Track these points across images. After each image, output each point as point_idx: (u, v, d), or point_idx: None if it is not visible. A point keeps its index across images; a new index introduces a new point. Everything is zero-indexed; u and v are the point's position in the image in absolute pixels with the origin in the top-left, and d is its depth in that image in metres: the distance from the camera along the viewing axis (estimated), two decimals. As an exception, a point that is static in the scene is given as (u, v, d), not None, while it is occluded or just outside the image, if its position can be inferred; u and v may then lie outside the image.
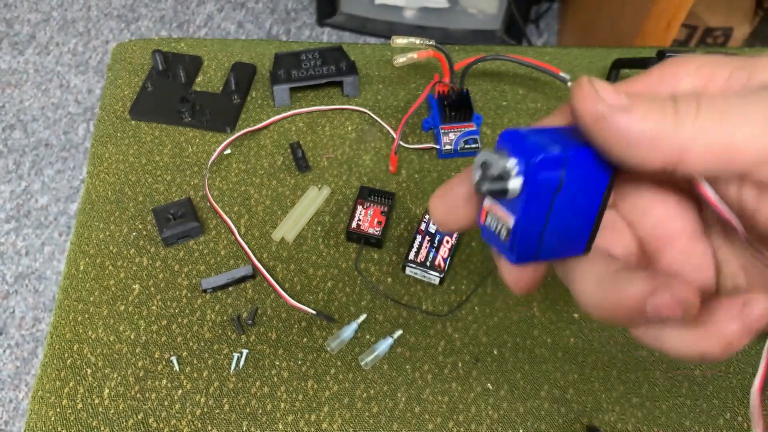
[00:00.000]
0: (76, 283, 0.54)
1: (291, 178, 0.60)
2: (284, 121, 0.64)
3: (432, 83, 0.62)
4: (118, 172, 0.60)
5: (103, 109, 0.65)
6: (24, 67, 1.56)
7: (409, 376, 0.50)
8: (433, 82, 0.63)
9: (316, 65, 0.65)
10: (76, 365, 0.50)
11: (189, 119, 0.63)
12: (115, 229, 0.57)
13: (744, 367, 0.50)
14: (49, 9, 1.68)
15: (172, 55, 0.68)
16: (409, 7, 1.56)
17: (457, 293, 0.53)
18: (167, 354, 0.50)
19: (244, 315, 0.52)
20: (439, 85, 0.63)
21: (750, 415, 0.20)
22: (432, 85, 0.62)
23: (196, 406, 0.48)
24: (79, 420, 0.47)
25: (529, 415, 0.48)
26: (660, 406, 0.49)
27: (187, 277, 0.54)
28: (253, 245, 0.56)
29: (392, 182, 0.60)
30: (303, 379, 0.49)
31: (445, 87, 0.63)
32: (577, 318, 0.52)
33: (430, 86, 0.62)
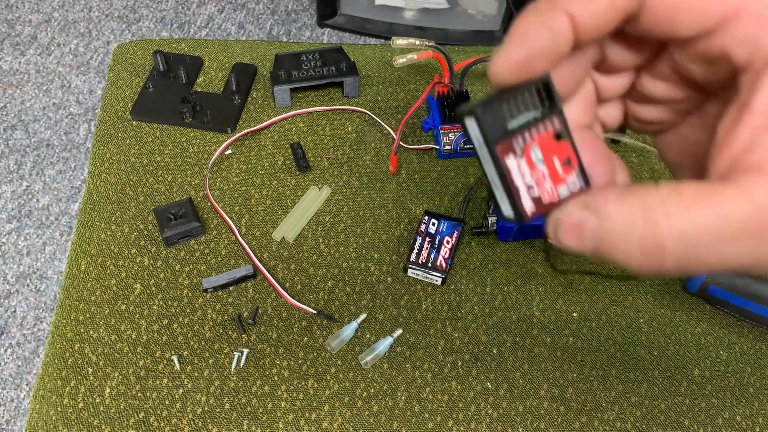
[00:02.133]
0: (77, 283, 0.54)
1: (291, 178, 0.60)
2: (285, 122, 0.64)
3: (432, 84, 0.63)
4: (120, 173, 0.61)
5: (105, 109, 0.66)
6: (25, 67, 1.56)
7: (409, 375, 0.50)
8: (433, 83, 0.63)
9: (316, 66, 0.65)
10: (78, 364, 0.50)
11: (190, 120, 0.64)
12: (117, 228, 0.57)
13: (742, 366, 0.51)
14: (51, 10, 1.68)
15: (173, 56, 0.68)
16: (409, 8, 1.56)
17: (457, 293, 0.54)
18: (168, 353, 0.50)
19: (244, 314, 0.52)
20: (439, 86, 0.63)
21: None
22: (432, 85, 0.62)
23: (197, 405, 0.48)
24: (80, 419, 0.47)
25: (528, 414, 0.48)
26: (659, 405, 0.49)
27: (188, 277, 0.54)
28: (254, 245, 0.56)
29: (392, 182, 0.60)
30: (303, 378, 0.49)
31: (444, 88, 0.63)
32: (576, 318, 0.53)
33: (430, 87, 0.62)
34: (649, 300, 0.54)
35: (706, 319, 0.53)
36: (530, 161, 0.20)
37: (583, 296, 0.54)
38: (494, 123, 0.19)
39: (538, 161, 0.20)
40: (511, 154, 0.20)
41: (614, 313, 0.53)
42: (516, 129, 0.20)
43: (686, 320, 0.53)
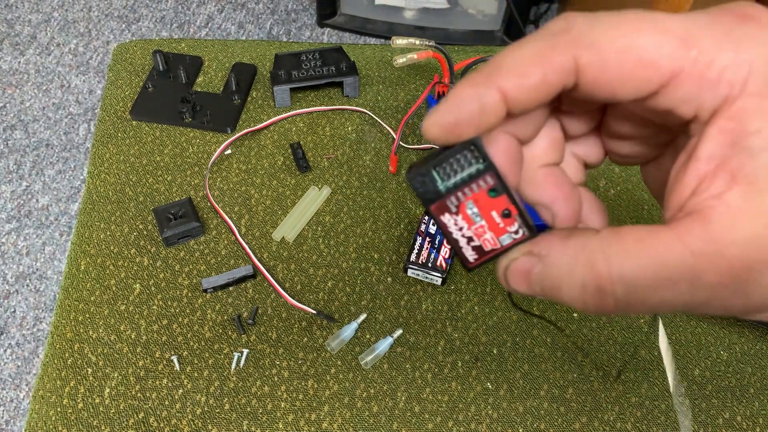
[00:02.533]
0: (77, 283, 0.54)
1: (291, 178, 0.60)
2: (284, 122, 0.64)
3: (432, 84, 0.62)
4: (119, 173, 0.61)
5: (104, 109, 0.66)
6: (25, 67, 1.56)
7: (409, 375, 0.50)
8: (433, 83, 0.63)
9: (316, 66, 0.65)
10: (77, 365, 0.50)
11: (189, 119, 0.63)
12: (116, 229, 0.57)
13: (743, 367, 0.50)
14: (50, 9, 1.68)
15: (172, 56, 0.68)
16: (409, 7, 1.56)
17: (457, 293, 0.54)
18: (168, 353, 0.50)
19: (244, 314, 0.52)
20: (439, 86, 0.63)
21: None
22: (432, 85, 0.62)
23: (197, 406, 0.48)
24: (79, 419, 0.47)
25: (528, 415, 0.48)
26: (659, 406, 0.49)
27: (187, 277, 0.54)
28: (254, 245, 0.56)
29: (392, 182, 0.60)
30: (303, 379, 0.49)
31: (445, 87, 0.63)
32: (576, 318, 0.53)
33: (430, 87, 0.62)
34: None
35: (707, 319, 0.53)
36: (467, 217, 0.22)
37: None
38: (427, 186, 0.21)
39: (475, 216, 0.22)
40: (446, 212, 0.22)
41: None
42: (450, 188, 0.21)
43: (686, 320, 0.53)
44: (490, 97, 0.19)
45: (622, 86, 0.19)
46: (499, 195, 0.21)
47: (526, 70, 0.19)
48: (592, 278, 0.19)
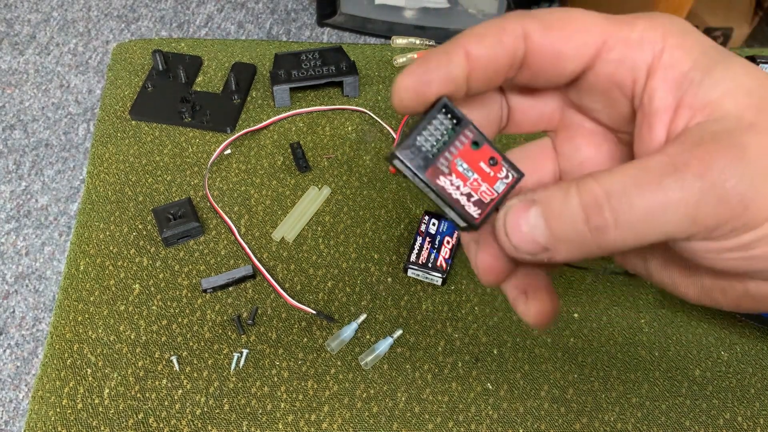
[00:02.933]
0: (76, 283, 0.54)
1: (291, 178, 0.60)
2: (284, 122, 0.64)
3: (432, 83, 0.62)
4: (119, 173, 0.60)
5: (104, 109, 0.66)
6: (24, 67, 1.56)
7: (409, 375, 0.50)
8: (433, 83, 0.62)
9: (316, 65, 0.65)
10: (77, 365, 0.50)
11: (189, 119, 0.63)
12: (116, 229, 0.57)
13: (743, 367, 0.50)
14: (50, 9, 1.68)
15: (172, 56, 0.68)
16: (409, 7, 1.56)
17: (457, 293, 0.53)
18: (167, 354, 0.50)
19: (244, 315, 0.52)
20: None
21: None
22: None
23: (196, 406, 0.48)
24: (79, 420, 0.47)
25: (528, 415, 0.48)
26: (660, 406, 0.49)
27: (187, 277, 0.54)
28: (253, 245, 0.56)
29: (392, 182, 0.60)
30: (303, 379, 0.49)
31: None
32: (577, 318, 0.53)
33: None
34: (650, 300, 0.53)
35: (707, 319, 0.53)
36: (459, 174, 0.23)
37: (583, 297, 0.54)
38: (415, 156, 0.22)
39: (467, 171, 0.23)
40: (440, 175, 0.22)
41: (615, 313, 0.53)
42: (437, 152, 0.22)
43: (687, 321, 0.53)
44: (456, 54, 0.22)
45: (564, 50, 0.22)
46: (481, 146, 0.23)
47: (484, 32, 0.22)
48: (587, 196, 0.20)
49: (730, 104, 0.20)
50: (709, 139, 0.19)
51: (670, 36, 0.21)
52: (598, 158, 0.25)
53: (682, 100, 0.21)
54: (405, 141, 0.22)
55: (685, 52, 0.21)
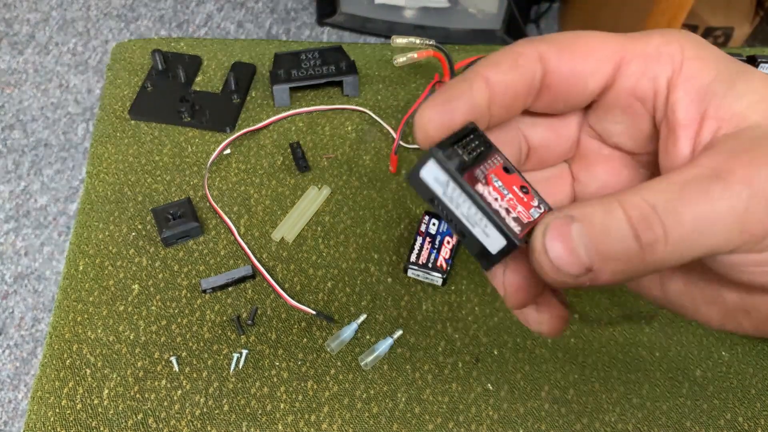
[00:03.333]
0: (75, 284, 0.54)
1: (291, 178, 0.60)
2: (284, 121, 0.64)
3: (432, 83, 0.62)
4: (118, 172, 0.60)
5: (103, 108, 0.65)
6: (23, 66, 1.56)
7: (409, 376, 0.49)
8: (434, 82, 0.62)
9: (315, 65, 0.65)
10: (76, 365, 0.49)
11: (188, 119, 0.63)
12: (115, 229, 0.57)
13: (744, 367, 0.50)
14: (49, 9, 1.68)
15: (171, 55, 0.68)
16: (409, 6, 1.55)
17: (458, 294, 0.53)
18: (167, 354, 0.50)
19: (243, 315, 0.52)
20: (439, 85, 0.63)
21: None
22: (432, 85, 0.62)
23: (196, 407, 0.48)
24: (78, 420, 0.47)
25: (529, 416, 0.48)
26: (660, 407, 0.48)
27: (186, 278, 0.54)
28: (253, 245, 0.56)
29: (392, 182, 0.60)
30: (303, 380, 0.49)
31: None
32: (577, 318, 0.52)
33: (431, 86, 0.62)
34: (649, 300, 0.53)
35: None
36: (496, 189, 0.21)
37: (584, 297, 0.54)
38: (452, 158, 0.21)
39: (502, 188, 0.21)
40: (478, 183, 0.21)
41: (615, 314, 0.53)
42: (472, 162, 0.21)
43: (688, 321, 0.53)
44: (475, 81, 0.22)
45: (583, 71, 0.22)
46: (512, 173, 0.22)
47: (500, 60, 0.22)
48: (635, 212, 0.18)
49: (757, 115, 0.20)
50: (749, 147, 0.19)
51: (687, 49, 0.21)
52: (617, 184, 0.25)
53: (707, 112, 0.20)
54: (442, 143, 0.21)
55: (705, 65, 0.21)
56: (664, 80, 0.21)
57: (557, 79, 0.22)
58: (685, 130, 0.21)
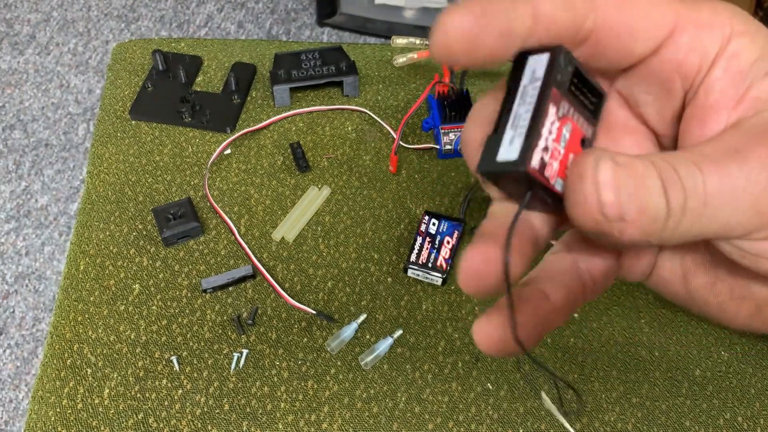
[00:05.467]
0: (76, 283, 0.54)
1: (291, 178, 0.60)
2: (284, 121, 0.64)
3: (432, 83, 0.62)
4: (118, 172, 0.60)
5: (103, 109, 0.65)
6: (24, 67, 1.56)
7: (409, 376, 0.50)
8: (433, 83, 0.63)
9: (316, 65, 0.65)
10: (76, 365, 0.50)
11: (189, 119, 0.63)
12: (115, 229, 0.57)
13: (744, 367, 0.50)
14: (49, 9, 1.68)
15: (172, 55, 0.68)
16: (409, 7, 1.56)
17: (457, 293, 0.53)
18: (167, 354, 0.50)
19: (244, 315, 0.52)
20: (439, 86, 0.63)
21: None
22: (432, 85, 0.62)
23: (196, 406, 0.48)
24: (79, 420, 0.47)
25: (529, 415, 0.48)
26: (660, 406, 0.49)
27: (187, 277, 0.54)
28: (253, 245, 0.56)
29: (392, 182, 0.60)
30: (303, 379, 0.49)
31: (445, 87, 0.63)
32: (577, 318, 0.53)
33: (430, 86, 0.62)
34: (650, 300, 0.53)
35: (707, 319, 0.53)
36: (560, 132, 0.19)
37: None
38: (562, 74, 0.19)
39: (563, 140, 0.19)
40: (556, 107, 0.19)
41: (615, 313, 0.53)
42: (572, 97, 0.19)
43: (687, 320, 0.53)
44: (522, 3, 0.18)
45: (637, 28, 0.19)
46: (585, 147, 0.20)
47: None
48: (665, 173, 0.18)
49: None
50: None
51: (736, 22, 0.19)
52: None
53: (747, 92, 0.19)
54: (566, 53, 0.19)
55: (751, 40, 0.19)
56: (712, 54, 0.19)
57: (607, 34, 0.19)
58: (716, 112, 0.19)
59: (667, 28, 0.19)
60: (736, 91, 0.19)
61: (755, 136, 0.18)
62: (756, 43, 0.19)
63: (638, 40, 0.20)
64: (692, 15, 0.19)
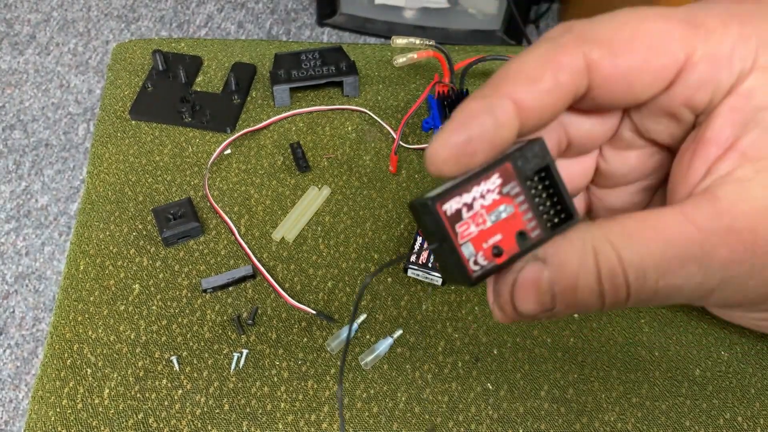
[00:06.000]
0: (76, 283, 0.54)
1: (291, 178, 0.60)
2: (284, 122, 0.64)
3: (432, 83, 0.62)
4: (118, 172, 0.60)
5: (103, 109, 0.66)
6: (24, 67, 1.56)
7: (409, 375, 0.50)
8: (433, 83, 0.63)
9: (316, 65, 0.65)
10: (76, 365, 0.50)
11: (189, 119, 0.63)
12: (115, 229, 0.57)
13: (744, 367, 0.50)
14: (50, 9, 1.68)
15: (172, 55, 0.68)
16: (409, 7, 1.56)
17: (457, 293, 0.53)
18: (167, 354, 0.50)
19: (244, 315, 0.52)
20: (439, 86, 0.63)
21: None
22: (432, 85, 0.62)
23: (196, 406, 0.48)
24: (79, 420, 0.47)
25: (528, 415, 0.48)
26: (660, 406, 0.49)
27: (187, 277, 0.54)
28: (253, 245, 0.56)
29: (392, 182, 0.60)
30: (303, 379, 0.49)
31: (445, 87, 0.63)
32: (577, 318, 0.53)
33: (430, 86, 0.62)
34: (650, 300, 0.53)
35: (708, 319, 0.53)
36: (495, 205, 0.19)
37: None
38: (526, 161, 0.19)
39: (495, 214, 0.20)
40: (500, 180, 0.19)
41: (615, 313, 0.53)
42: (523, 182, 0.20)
43: (687, 320, 0.53)
44: (502, 108, 0.18)
45: (641, 78, 0.18)
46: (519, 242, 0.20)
47: (535, 73, 0.18)
48: (605, 269, 0.17)
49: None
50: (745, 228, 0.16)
51: (765, 51, 0.17)
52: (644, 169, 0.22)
53: (740, 140, 0.18)
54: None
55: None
56: (725, 89, 0.18)
57: (606, 90, 0.18)
58: (706, 150, 0.18)
59: (675, 67, 0.18)
60: (732, 132, 0.18)
61: (725, 233, 0.17)
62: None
63: (642, 88, 0.18)
64: (708, 46, 0.18)
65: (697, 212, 0.17)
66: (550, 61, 0.18)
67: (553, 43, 0.18)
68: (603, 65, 0.18)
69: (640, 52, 0.18)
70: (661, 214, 0.18)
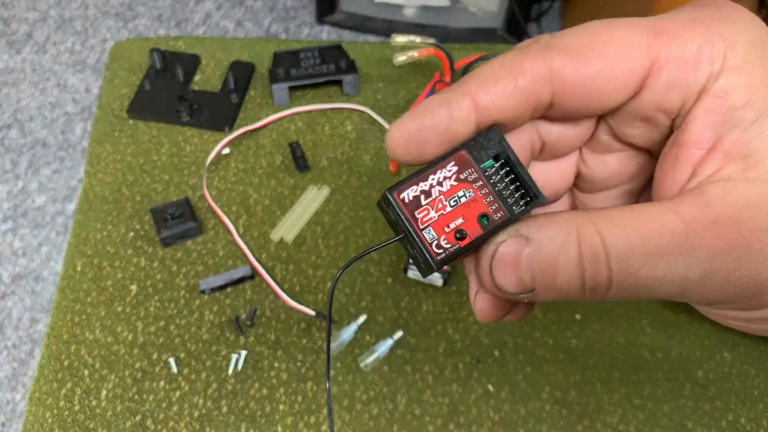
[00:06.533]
0: (73, 284, 0.53)
1: (290, 177, 0.60)
2: (283, 121, 0.64)
3: (432, 82, 0.62)
4: (116, 172, 0.60)
5: (101, 108, 0.65)
6: (21, 66, 1.55)
7: (410, 377, 0.49)
8: (434, 81, 0.62)
9: (315, 64, 0.65)
10: (74, 366, 0.49)
11: (187, 118, 0.63)
12: (113, 229, 0.56)
13: (747, 368, 0.50)
14: (47, 8, 1.67)
15: (170, 54, 0.67)
16: (409, 5, 1.55)
17: (458, 294, 0.53)
18: (165, 355, 0.50)
19: (242, 316, 0.52)
20: (440, 84, 0.62)
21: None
22: (432, 84, 0.62)
23: (195, 408, 0.47)
24: (76, 422, 0.47)
25: (530, 417, 0.48)
26: (662, 408, 0.48)
27: (185, 278, 0.54)
28: (252, 245, 0.55)
29: (392, 182, 0.60)
30: (302, 381, 0.49)
31: (445, 86, 0.62)
32: (578, 319, 0.52)
33: (431, 85, 0.62)
34: (652, 301, 0.53)
35: (710, 320, 0.52)
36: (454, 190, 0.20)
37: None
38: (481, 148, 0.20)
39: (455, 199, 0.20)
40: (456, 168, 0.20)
41: (617, 314, 0.52)
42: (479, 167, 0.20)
43: (689, 321, 0.52)
44: (458, 104, 0.18)
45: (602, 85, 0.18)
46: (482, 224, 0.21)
47: (496, 76, 0.18)
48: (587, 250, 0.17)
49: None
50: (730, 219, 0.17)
51: (733, 53, 0.18)
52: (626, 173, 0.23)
53: (721, 141, 0.18)
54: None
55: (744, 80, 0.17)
56: (696, 91, 0.18)
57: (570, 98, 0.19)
58: (689, 153, 0.18)
59: (639, 75, 0.18)
60: (713, 134, 0.18)
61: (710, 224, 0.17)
62: (749, 84, 0.17)
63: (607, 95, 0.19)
64: (673, 50, 0.18)
65: (683, 206, 0.18)
66: (514, 67, 0.18)
67: (519, 51, 0.19)
68: (565, 72, 0.18)
69: (602, 59, 0.18)
70: (648, 206, 0.18)
